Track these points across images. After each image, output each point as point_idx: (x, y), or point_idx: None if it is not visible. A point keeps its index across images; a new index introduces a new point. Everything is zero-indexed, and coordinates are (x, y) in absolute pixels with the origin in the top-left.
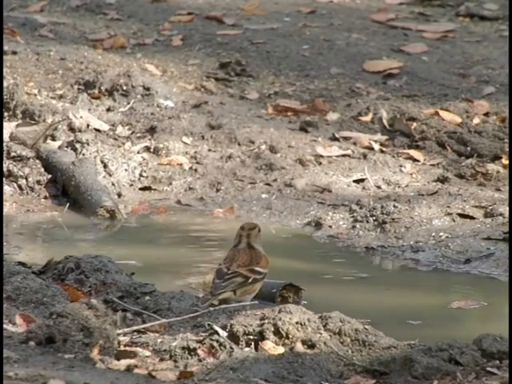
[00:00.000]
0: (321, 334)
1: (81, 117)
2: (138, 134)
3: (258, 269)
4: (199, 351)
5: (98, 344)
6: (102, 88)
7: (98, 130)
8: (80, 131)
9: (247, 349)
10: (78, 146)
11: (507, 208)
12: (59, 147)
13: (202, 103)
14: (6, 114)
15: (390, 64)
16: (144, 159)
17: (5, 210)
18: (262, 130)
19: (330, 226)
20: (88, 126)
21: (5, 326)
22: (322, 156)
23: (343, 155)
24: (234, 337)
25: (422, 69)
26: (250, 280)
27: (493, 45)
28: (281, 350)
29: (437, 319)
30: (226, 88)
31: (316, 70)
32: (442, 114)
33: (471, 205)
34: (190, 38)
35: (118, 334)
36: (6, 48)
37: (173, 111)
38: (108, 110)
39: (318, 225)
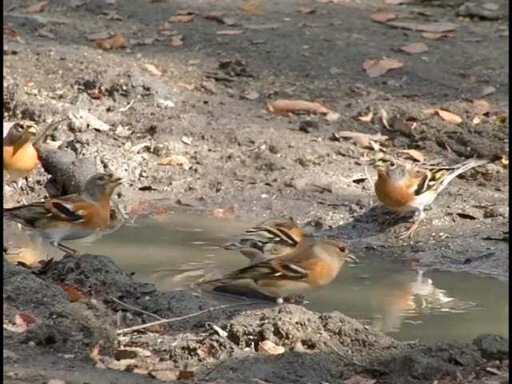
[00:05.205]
0: (321, 334)
1: (81, 117)
2: (138, 134)
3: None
4: (199, 351)
5: (98, 344)
6: (102, 88)
7: (98, 130)
8: (80, 131)
9: (247, 349)
10: (77, 145)
11: (507, 208)
12: (59, 147)
13: (202, 103)
14: (6, 113)
15: (390, 64)
16: (144, 159)
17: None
18: (262, 129)
19: (330, 226)
20: (88, 125)
21: (5, 326)
22: (321, 156)
23: (343, 155)
24: (233, 337)
25: (422, 69)
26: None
27: (493, 45)
28: (281, 350)
29: (437, 319)
30: (225, 88)
31: (316, 70)
32: (442, 114)
33: (471, 205)
34: (190, 38)
35: (118, 334)
36: (5, 48)
37: (173, 111)
38: (108, 110)
39: (318, 225)
